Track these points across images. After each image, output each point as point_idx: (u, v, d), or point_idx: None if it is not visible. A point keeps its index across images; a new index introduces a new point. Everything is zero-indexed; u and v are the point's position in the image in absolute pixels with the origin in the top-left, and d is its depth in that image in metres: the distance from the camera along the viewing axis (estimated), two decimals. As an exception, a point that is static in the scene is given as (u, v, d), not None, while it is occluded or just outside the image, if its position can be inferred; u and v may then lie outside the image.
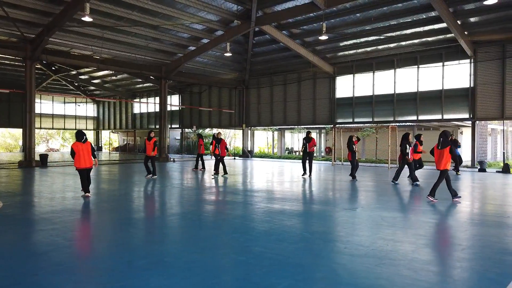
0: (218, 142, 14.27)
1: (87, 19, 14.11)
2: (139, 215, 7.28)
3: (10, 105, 34.06)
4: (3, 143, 48.06)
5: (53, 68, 29.30)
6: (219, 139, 14.38)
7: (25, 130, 18.68)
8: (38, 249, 4.79)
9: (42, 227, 5.93)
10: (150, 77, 26.18)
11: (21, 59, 19.22)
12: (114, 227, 6.13)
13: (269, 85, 26.40)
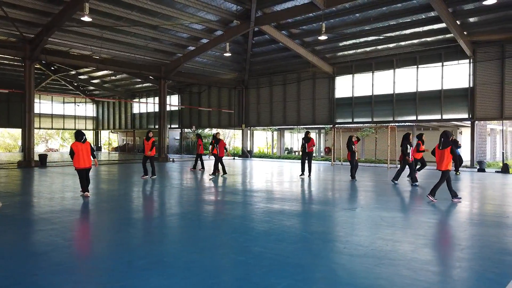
0: (217, 143, 14.29)
1: (86, 19, 14.13)
2: (138, 215, 7.28)
3: (9, 105, 34.05)
4: (2, 143, 47.99)
5: (52, 68, 29.28)
6: (218, 139, 14.40)
7: (24, 130, 18.67)
8: (37, 249, 4.79)
9: (42, 227, 5.92)
10: (150, 77, 26.17)
11: (20, 59, 19.21)
12: (114, 227, 6.13)
13: (269, 85, 26.41)
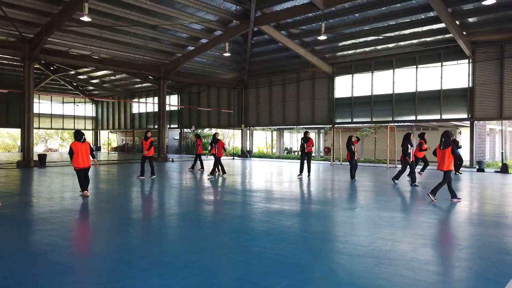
0: (215, 143, 14.29)
1: (85, 19, 14.13)
2: (138, 215, 7.28)
3: (9, 105, 34.03)
4: (1, 143, 47.95)
5: (51, 68, 29.26)
6: (216, 139, 14.40)
7: (24, 130, 18.64)
8: (37, 249, 4.79)
9: (41, 227, 5.92)
10: (149, 77, 26.15)
11: (19, 59, 19.20)
12: (113, 227, 6.12)
13: (268, 85, 26.41)
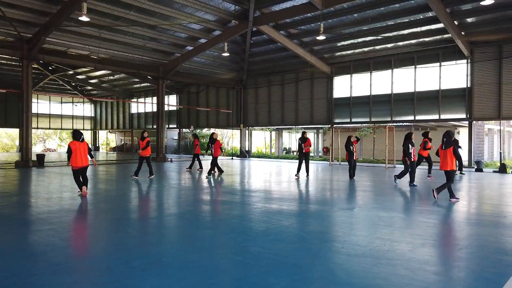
0: (212, 143, 14.26)
1: (84, 18, 14.11)
2: (136, 215, 7.27)
3: (7, 105, 33.94)
4: (0, 143, 47.85)
5: (50, 68, 29.21)
6: (213, 139, 14.37)
7: (22, 130, 18.60)
8: (35, 249, 4.78)
9: (39, 227, 5.91)
10: (148, 77, 26.12)
11: (17, 58, 19.15)
12: (112, 227, 6.12)
13: (267, 85, 26.41)
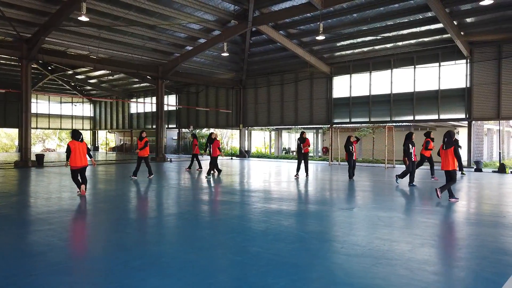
0: (211, 142, 14.25)
1: (83, 18, 14.09)
2: (135, 215, 7.27)
3: (6, 105, 33.91)
4: (-1, 143, 47.82)
5: (49, 68, 29.18)
6: (211, 139, 14.36)
7: (21, 130, 18.57)
8: (34, 249, 4.77)
9: (39, 227, 5.90)
10: (147, 77, 26.12)
11: (17, 58, 19.11)
12: (111, 228, 6.11)
13: (266, 85, 26.41)
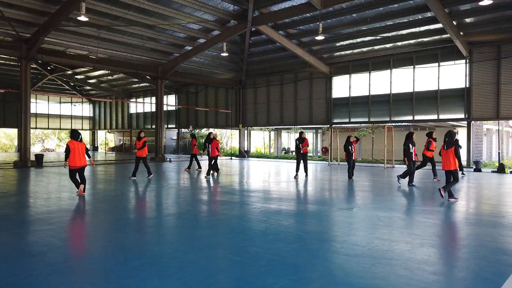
0: (209, 142, 14.25)
1: (83, 18, 14.07)
2: (134, 215, 7.26)
3: (5, 105, 33.88)
4: (-2, 143, 47.76)
5: (48, 68, 29.15)
6: (210, 139, 14.36)
7: (20, 130, 18.55)
8: (34, 249, 4.77)
9: (38, 227, 5.90)
10: (147, 77, 26.11)
11: (16, 58, 19.11)
12: (110, 228, 6.11)
13: (266, 85, 26.41)
